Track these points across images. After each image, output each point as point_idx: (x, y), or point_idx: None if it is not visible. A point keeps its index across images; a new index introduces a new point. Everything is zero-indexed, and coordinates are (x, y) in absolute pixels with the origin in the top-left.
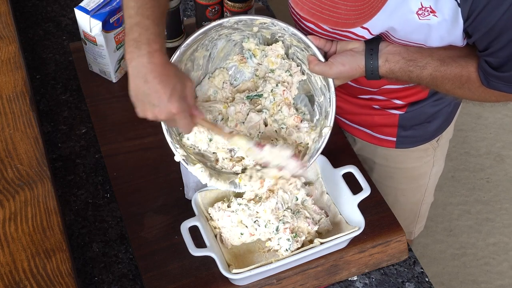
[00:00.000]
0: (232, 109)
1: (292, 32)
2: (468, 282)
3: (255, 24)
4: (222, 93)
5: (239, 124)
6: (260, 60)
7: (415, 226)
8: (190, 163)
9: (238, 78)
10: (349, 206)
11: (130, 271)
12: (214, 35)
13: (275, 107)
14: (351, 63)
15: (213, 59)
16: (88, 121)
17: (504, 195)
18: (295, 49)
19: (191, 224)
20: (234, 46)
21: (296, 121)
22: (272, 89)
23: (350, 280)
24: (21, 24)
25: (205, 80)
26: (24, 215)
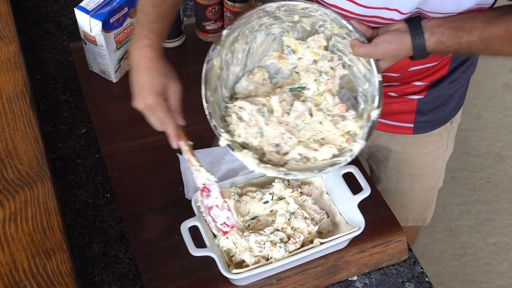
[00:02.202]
0: (275, 99)
1: (334, 17)
2: (468, 282)
3: (297, 10)
4: (263, 89)
5: (285, 115)
6: (301, 54)
7: (428, 212)
8: (236, 149)
9: (277, 75)
10: (349, 206)
11: (130, 271)
12: (255, 23)
13: (319, 97)
14: (397, 41)
15: (252, 54)
16: (88, 121)
17: (504, 195)
18: (336, 39)
19: (191, 224)
20: (273, 42)
21: (341, 110)
22: (315, 79)
23: (350, 280)
24: (21, 24)
25: (244, 77)
26: (24, 215)
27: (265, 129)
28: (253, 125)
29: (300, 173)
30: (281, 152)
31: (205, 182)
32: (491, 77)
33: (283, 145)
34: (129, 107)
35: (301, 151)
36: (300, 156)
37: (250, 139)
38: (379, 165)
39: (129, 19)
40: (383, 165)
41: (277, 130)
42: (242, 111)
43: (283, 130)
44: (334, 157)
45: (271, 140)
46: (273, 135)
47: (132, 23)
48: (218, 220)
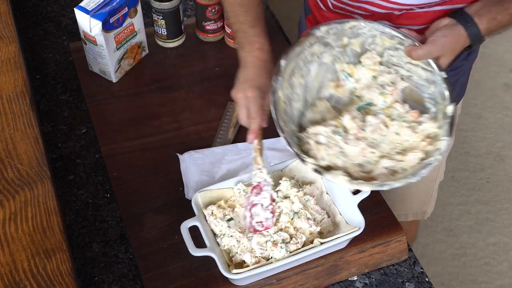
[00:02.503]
0: (347, 117)
1: (383, 30)
2: (468, 282)
3: (345, 30)
4: (329, 115)
5: (361, 131)
6: (358, 75)
7: (428, 205)
8: (323, 170)
9: (338, 105)
10: (349, 206)
11: (130, 271)
12: (307, 53)
13: (388, 109)
14: (452, 33)
15: (309, 88)
16: (88, 121)
17: (504, 195)
18: (388, 53)
19: (191, 224)
20: (326, 72)
21: (414, 117)
22: (380, 92)
23: (350, 280)
24: (21, 24)
25: (308, 111)
26: (24, 215)
27: (345, 148)
28: (333, 146)
29: (395, 182)
30: (366, 171)
31: (261, 181)
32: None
33: (366, 164)
34: (129, 107)
35: (386, 164)
36: (387, 170)
37: (334, 160)
38: None
39: (129, 19)
40: None
41: (357, 146)
42: (318, 136)
43: (364, 145)
44: (422, 160)
45: (354, 159)
46: (354, 153)
47: (132, 22)
48: (256, 218)
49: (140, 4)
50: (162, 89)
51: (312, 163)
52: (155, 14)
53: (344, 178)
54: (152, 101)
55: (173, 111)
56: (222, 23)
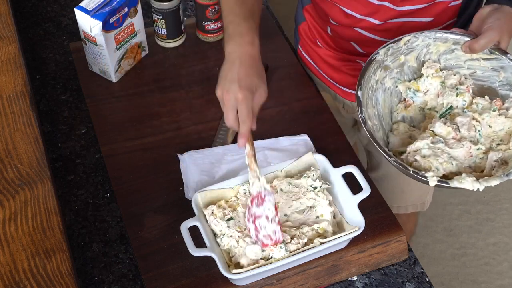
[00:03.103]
0: (438, 125)
1: (435, 36)
2: (468, 282)
3: (401, 48)
4: (413, 133)
5: (457, 133)
6: (425, 87)
7: (427, 196)
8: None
9: (414, 124)
10: (349, 206)
11: (130, 271)
12: (373, 81)
13: (471, 107)
14: (504, 15)
15: (382, 116)
16: (88, 121)
17: (504, 195)
18: (445, 57)
19: (191, 224)
20: (391, 96)
21: (498, 105)
22: (457, 93)
23: (350, 280)
24: (21, 24)
25: (391, 137)
26: (24, 215)
27: (452, 152)
28: (440, 153)
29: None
30: (478, 170)
31: (261, 190)
32: None
33: (475, 164)
34: (129, 107)
35: (495, 157)
36: (497, 163)
37: (448, 167)
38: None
39: (129, 19)
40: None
41: (462, 146)
42: (421, 150)
43: (468, 144)
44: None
45: (463, 162)
46: (462, 155)
47: (132, 22)
48: (262, 231)
49: (140, 4)
50: (162, 89)
51: (433, 175)
52: (155, 14)
53: (471, 179)
54: (152, 101)
55: (173, 111)
56: (222, 23)
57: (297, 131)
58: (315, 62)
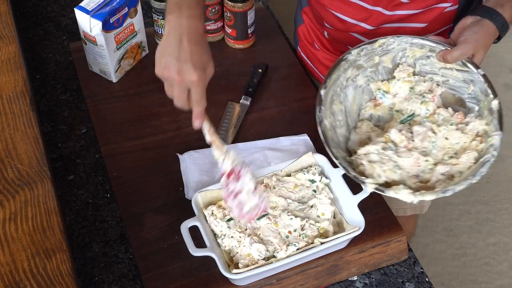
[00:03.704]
0: (393, 131)
1: (412, 41)
2: (468, 282)
3: (376, 49)
4: (374, 134)
5: (410, 142)
6: (395, 90)
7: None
8: (384, 188)
9: (380, 124)
10: (349, 206)
11: (130, 271)
12: (343, 79)
13: (433, 116)
14: (481, 28)
15: (349, 113)
16: (88, 121)
17: (504, 195)
18: (420, 63)
19: (191, 224)
20: (362, 94)
21: (460, 119)
22: (422, 101)
23: (350, 280)
24: (21, 24)
25: (352, 134)
26: (24, 215)
27: (399, 161)
28: (386, 161)
29: (457, 186)
30: (424, 181)
31: (234, 165)
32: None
33: (422, 174)
34: (129, 107)
35: (442, 170)
36: (444, 176)
37: (391, 175)
38: None
39: (129, 19)
40: None
41: (411, 157)
42: (370, 155)
43: (417, 154)
44: (477, 160)
45: (410, 171)
46: (409, 164)
47: (132, 22)
48: (245, 206)
49: (140, 4)
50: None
51: (372, 183)
52: (155, 14)
53: (406, 192)
54: (152, 101)
55: (173, 111)
56: (222, 23)
57: (297, 131)
58: (313, 63)
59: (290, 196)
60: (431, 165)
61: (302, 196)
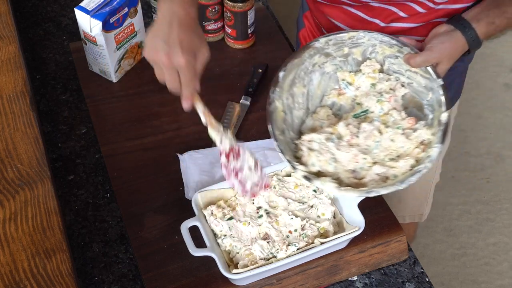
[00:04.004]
0: (341, 124)
1: (382, 39)
2: (468, 282)
3: (345, 41)
4: (328, 123)
5: (354, 137)
6: (358, 83)
7: (425, 207)
8: (313, 177)
9: (339, 112)
10: (349, 206)
11: (130, 271)
12: (308, 64)
13: (386, 116)
14: (450, 39)
15: (312, 97)
16: (88, 121)
17: (504, 195)
18: (389, 61)
19: (191, 224)
20: (329, 80)
21: (410, 124)
22: (378, 99)
23: (350, 280)
24: (21, 24)
25: (308, 118)
26: (24, 215)
27: (337, 154)
28: (325, 152)
29: (382, 189)
30: (358, 177)
31: (233, 143)
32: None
33: (359, 170)
34: (129, 107)
35: (378, 170)
36: (379, 176)
37: (325, 166)
38: None
39: (129, 19)
40: None
41: (349, 152)
42: (312, 142)
43: (356, 151)
44: (413, 167)
45: (346, 165)
46: (346, 159)
47: (132, 22)
48: (248, 183)
49: (140, 4)
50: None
51: (302, 170)
52: (155, 14)
53: (332, 185)
54: (152, 101)
55: (173, 111)
56: (222, 23)
57: None
58: None
59: (291, 196)
60: (369, 163)
61: (302, 196)
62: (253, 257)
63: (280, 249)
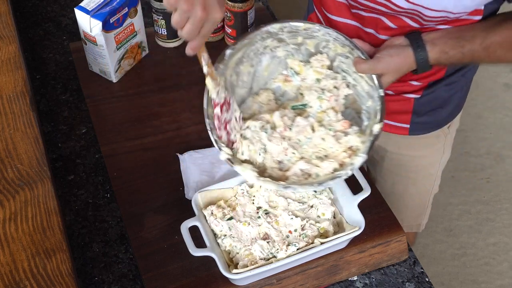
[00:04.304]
0: (277, 114)
1: (336, 36)
2: (468, 282)
3: (300, 31)
4: (267, 107)
5: (287, 129)
6: (305, 75)
7: (423, 218)
8: (236, 163)
9: (282, 98)
10: (349, 206)
11: (130, 271)
12: (259, 45)
13: (322, 114)
14: (399, 54)
15: (258, 77)
16: (88, 121)
17: (504, 195)
18: (339, 59)
19: (191, 224)
20: (278, 65)
21: (344, 127)
22: (318, 96)
23: (350, 280)
24: (21, 24)
25: (249, 99)
26: (24, 215)
27: (268, 145)
28: (256, 142)
29: (299, 187)
30: (284, 169)
31: (226, 96)
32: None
33: (286, 162)
34: (129, 107)
35: (302, 166)
36: (302, 172)
37: (254, 156)
38: (375, 166)
39: (129, 19)
40: (379, 166)
41: (280, 145)
42: (246, 130)
43: (286, 145)
44: (335, 171)
45: (275, 156)
46: (276, 151)
47: (132, 22)
48: (233, 131)
49: (140, 4)
50: (162, 89)
51: (226, 153)
52: (155, 14)
53: (252, 173)
54: (152, 101)
55: (173, 111)
56: (222, 23)
57: None
58: None
59: (291, 196)
60: (296, 157)
61: (302, 196)
62: (253, 257)
63: (280, 249)
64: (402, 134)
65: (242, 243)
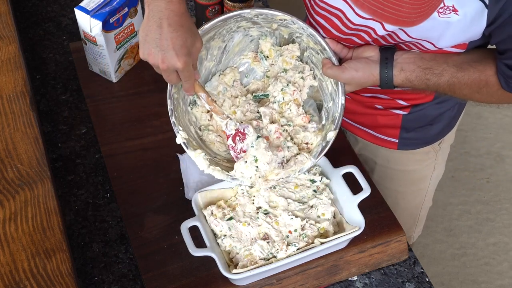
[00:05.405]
0: (240, 112)
1: (310, 32)
2: (468, 282)
3: (275, 19)
4: (232, 91)
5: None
6: (274, 60)
7: (414, 230)
8: (191, 147)
9: (249, 75)
10: (349, 206)
11: (130, 271)
12: (233, 25)
13: (284, 106)
14: (364, 69)
15: (228, 52)
16: (88, 121)
17: (504, 195)
18: (311, 52)
19: (191, 224)
20: (250, 42)
21: (304, 121)
22: (282, 88)
23: (350, 280)
24: (21, 24)
25: (215, 77)
26: (24, 215)
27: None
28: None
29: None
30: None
31: (238, 127)
32: None
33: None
34: (129, 107)
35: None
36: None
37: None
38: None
39: (129, 19)
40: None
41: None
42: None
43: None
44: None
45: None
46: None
47: (132, 23)
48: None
49: (140, 4)
50: (162, 89)
51: (182, 137)
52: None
53: (204, 161)
54: (152, 101)
55: None
56: None
57: None
58: None
59: (291, 196)
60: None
61: (302, 196)
62: (253, 257)
63: (280, 249)
64: (391, 148)
65: (242, 243)
